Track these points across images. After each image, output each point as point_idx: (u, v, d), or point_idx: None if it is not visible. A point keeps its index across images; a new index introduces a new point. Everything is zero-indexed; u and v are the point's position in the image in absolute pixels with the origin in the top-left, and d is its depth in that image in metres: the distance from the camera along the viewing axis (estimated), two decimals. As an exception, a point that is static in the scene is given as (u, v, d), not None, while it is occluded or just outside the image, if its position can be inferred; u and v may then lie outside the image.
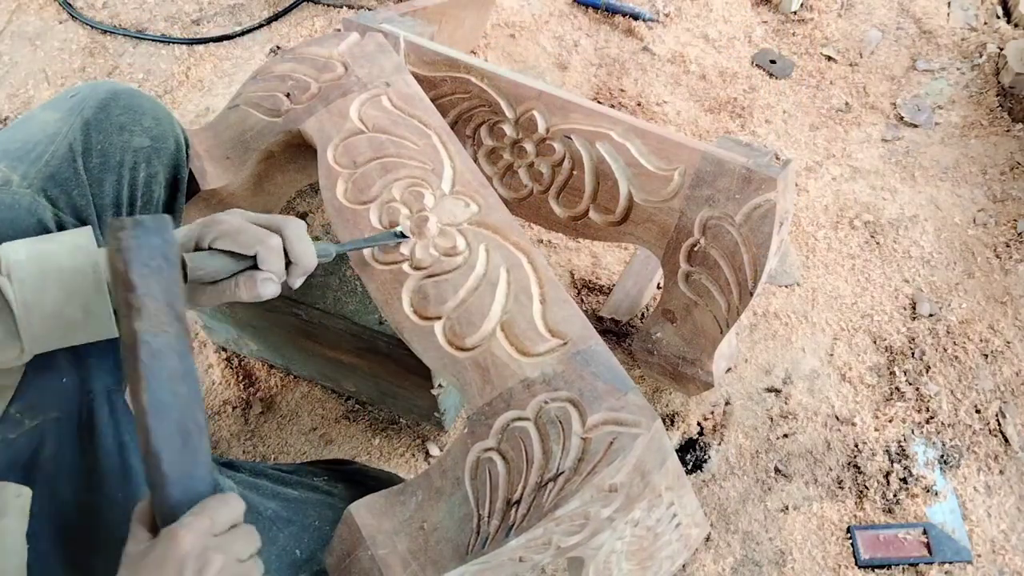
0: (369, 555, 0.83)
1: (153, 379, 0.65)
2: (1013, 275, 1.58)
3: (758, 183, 1.07)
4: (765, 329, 1.53)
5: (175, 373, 0.66)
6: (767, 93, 1.92)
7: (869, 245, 1.65)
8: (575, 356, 0.88)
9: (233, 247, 0.78)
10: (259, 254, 0.78)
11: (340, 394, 1.47)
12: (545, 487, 0.80)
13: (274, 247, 0.79)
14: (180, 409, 0.65)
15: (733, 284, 1.11)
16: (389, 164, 1.04)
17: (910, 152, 1.81)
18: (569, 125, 1.17)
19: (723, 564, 1.27)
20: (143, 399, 0.64)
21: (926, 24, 2.05)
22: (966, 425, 1.40)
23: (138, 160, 0.94)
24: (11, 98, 1.94)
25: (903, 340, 1.51)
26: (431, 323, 0.93)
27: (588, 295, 1.57)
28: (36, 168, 0.85)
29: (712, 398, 1.44)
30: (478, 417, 0.87)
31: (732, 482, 1.35)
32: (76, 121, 0.90)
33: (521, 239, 0.98)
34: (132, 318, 0.65)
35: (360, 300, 1.19)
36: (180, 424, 0.65)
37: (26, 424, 0.80)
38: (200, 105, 1.91)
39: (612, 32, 2.04)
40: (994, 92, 1.88)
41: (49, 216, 0.84)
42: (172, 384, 0.65)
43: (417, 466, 1.39)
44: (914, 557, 1.26)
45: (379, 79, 1.13)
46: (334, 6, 2.10)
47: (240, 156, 1.16)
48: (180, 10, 2.12)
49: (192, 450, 0.65)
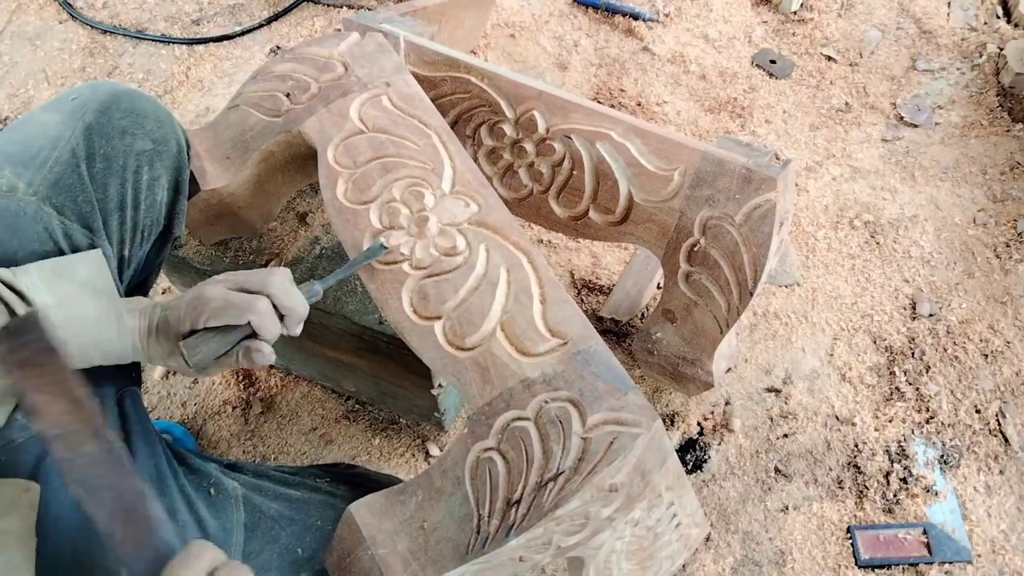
0: (369, 555, 0.83)
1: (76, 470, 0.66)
2: (1013, 275, 1.58)
3: (758, 183, 1.07)
4: (765, 329, 1.53)
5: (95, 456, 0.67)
6: (767, 93, 1.92)
7: (869, 245, 1.65)
8: (575, 356, 0.88)
9: (226, 322, 0.81)
10: (253, 322, 0.81)
11: (340, 394, 1.47)
12: (545, 487, 0.80)
13: (265, 312, 0.82)
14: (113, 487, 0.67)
15: (733, 284, 1.11)
16: (389, 164, 1.04)
17: (910, 152, 1.81)
18: (569, 125, 1.17)
19: (723, 564, 1.27)
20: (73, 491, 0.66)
21: (926, 24, 2.05)
22: (966, 425, 1.40)
23: (141, 163, 0.94)
24: (11, 98, 1.94)
25: (903, 340, 1.51)
26: (431, 323, 0.93)
27: (588, 295, 1.57)
28: (41, 175, 0.85)
29: (712, 398, 1.44)
30: (478, 417, 0.87)
31: (732, 482, 1.35)
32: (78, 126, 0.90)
33: (521, 239, 0.98)
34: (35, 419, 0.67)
35: (360, 300, 1.19)
36: (119, 501, 0.66)
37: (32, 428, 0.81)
38: (200, 105, 1.91)
39: (612, 32, 2.04)
40: (994, 92, 1.88)
41: (55, 224, 0.84)
42: (96, 467, 0.67)
43: (417, 466, 1.39)
44: (914, 557, 1.26)
45: (379, 79, 1.13)
46: (334, 6, 2.10)
47: (240, 156, 1.16)
48: (180, 10, 2.12)
49: (140, 519, 0.66)
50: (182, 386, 1.49)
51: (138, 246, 0.96)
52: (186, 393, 1.48)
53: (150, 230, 0.98)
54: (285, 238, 1.30)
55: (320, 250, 1.28)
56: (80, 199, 0.87)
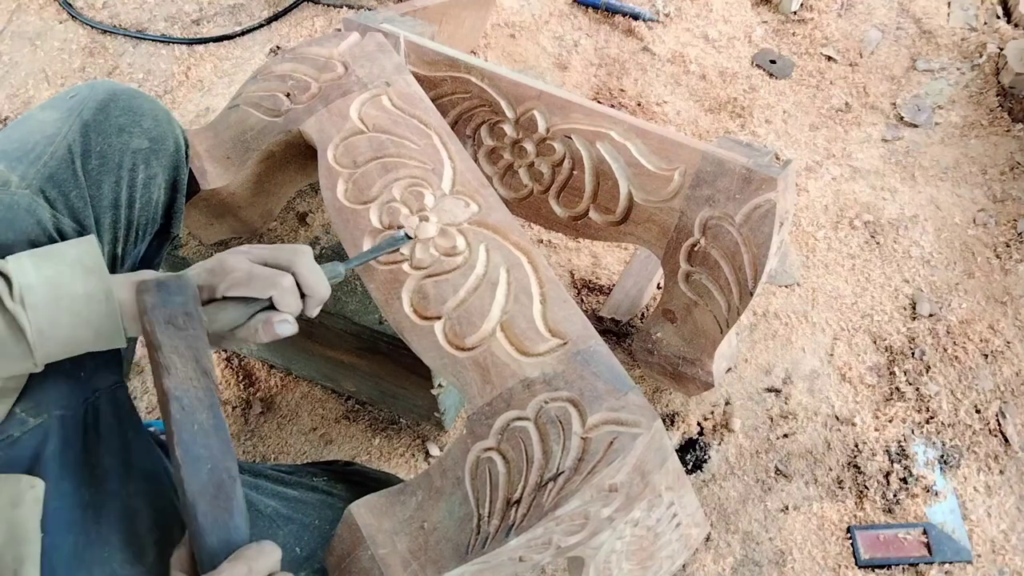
0: (369, 555, 0.83)
1: (185, 433, 0.68)
2: (1013, 275, 1.58)
3: (758, 183, 1.07)
4: (765, 329, 1.53)
5: (205, 426, 0.69)
6: (767, 93, 1.92)
7: (869, 245, 1.65)
8: (575, 356, 0.88)
9: (247, 294, 0.79)
10: (275, 298, 0.79)
11: (340, 394, 1.47)
12: (545, 487, 0.80)
13: (288, 288, 0.80)
14: (212, 461, 0.68)
15: (733, 284, 1.11)
16: (389, 164, 1.04)
17: (910, 152, 1.81)
18: (569, 125, 1.17)
19: (723, 564, 1.27)
20: (176, 453, 0.67)
21: (926, 24, 2.05)
22: (966, 425, 1.40)
23: (137, 162, 0.94)
24: (11, 98, 1.94)
25: (903, 340, 1.51)
26: (431, 323, 0.93)
27: (588, 295, 1.57)
28: (35, 169, 0.85)
29: (712, 398, 1.44)
30: (478, 417, 0.87)
31: (732, 482, 1.35)
32: (75, 122, 0.90)
33: (521, 239, 0.98)
34: (161, 376, 0.69)
35: (360, 300, 1.19)
36: (213, 475, 0.68)
37: (31, 422, 0.81)
38: (200, 105, 1.91)
39: (612, 32, 2.04)
40: (994, 92, 1.88)
41: (47, 217, 0.84)
42: (203, 437, 0.68)
43: (417, 466, 1.39)
44: (914, 557, 1.26)
45: (379, 79, 1.13)
46: (334, 6, 2.10)
47: (240, 156, 1.16)
48: (180, 10, 2.12)
49: (225, 499, 0.68)
50: (182, 386, 1.49)
51: (132, 244, 0.96)
52: (186, 393, 1.48)
53: (145, 229, 0.98)
54: (285, 238, 1.30)
55: (320, 250, 1.28)
56: (73, 194, 0.87)
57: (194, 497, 0.66)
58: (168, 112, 1.01)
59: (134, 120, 0.95)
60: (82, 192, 0.88)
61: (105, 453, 0.85)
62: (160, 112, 0.99)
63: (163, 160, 0.98)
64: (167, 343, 0.70)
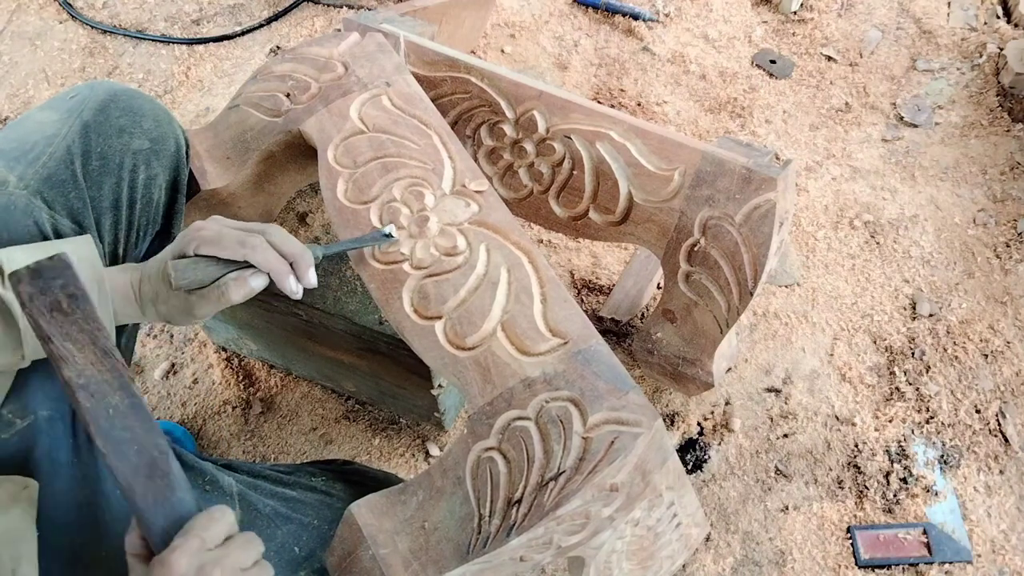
0: (370, 554, 0.83)
1: (101, 420, 0.65)
2: (1013, 275, 1.58)
3: (758, 183, 1.07)
4: (765, 329, 1.53)
5: (121, 408, 0.66)
6: (767, 93, 1.92)
7: (869, 245, 1.65)
8: (576, 355, 0.88)
9: (216, 252, 0.79)
10: (247, 254, 0.79)
11: (340, 394, 1.47)
12: (546, 486, 0.80)
13: (259, 245, 0.80)
14: (136, 441, 0.65)
15: (733, 284, 1.11)
16: (389, 164, 1.04)
17: (910, 152, 1.81)
18: (569, 125, 1.17)
19: (723, 564, 1.27)
20: (97, 442, 0.64)
21: (926, 24, 2.05)
22: (966, 425, 1.40)
23: (137, 162, 0.94)
24: (11, 98, 1.94)
25: (903, 340, 1.51)
26: (431, 323, 0.93)
27: (588, 295, 1.57)
28: (33, 169, 0.85)
29: (712, 398, 1.44)
30: (479, 417, 0.87)
31: (732, 482, 1.35)
32: (75, 123, 0.90)
33: (522, 239, 0.98)
34: (60, 367, 0.65)
35: (360, 300, 1.19)
36: (141, 455, 0.65)
37: (18, 424, 0.81)
38: (200, 105, 1.91)
39: (612, 32, 2.04)
40: (994, 92, 1.88)
41: (45, 218, 0.84)
42: (121, 419, 0.65)
43: (417, 466, 1.39)
44: (914, 557, 1.26)
45: (379, 79, 1.13)
46: (334, 6, 2.10)
47: (240, 156, 1.16)
48: (180, 10, 2.12)
49: (161, 476, 0.65)
50: (182, 386, 1.49)
51: (133, 245, 0.96)
52: (186, 393, 1.48)
53: (146, 229, 0.98)
54: (285, 238, 1.30)
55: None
56: (72, 196, 0.87)
57: (128, 481, 0.64)
58: (168, 112, 1.01)
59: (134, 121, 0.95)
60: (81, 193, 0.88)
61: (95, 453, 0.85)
62: (160, 112, 0.99)
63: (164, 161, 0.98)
64: (56, 332, 0.65)
